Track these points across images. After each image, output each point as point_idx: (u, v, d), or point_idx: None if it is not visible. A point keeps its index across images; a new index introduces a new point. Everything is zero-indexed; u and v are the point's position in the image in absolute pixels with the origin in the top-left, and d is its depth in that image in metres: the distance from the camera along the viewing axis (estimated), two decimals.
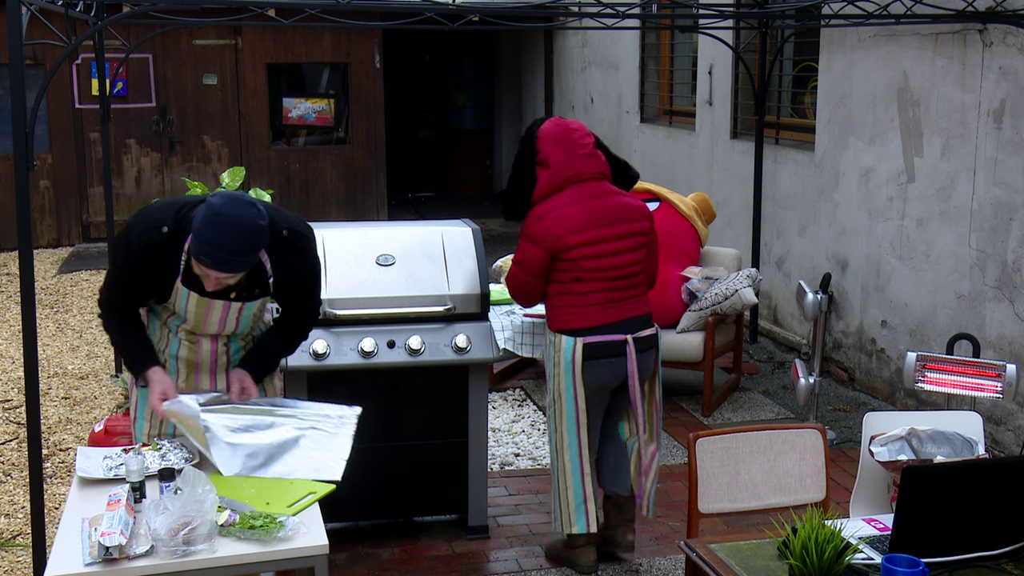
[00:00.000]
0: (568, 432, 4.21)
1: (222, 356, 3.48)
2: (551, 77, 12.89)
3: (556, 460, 4.27)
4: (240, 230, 3.02)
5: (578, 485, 4.24)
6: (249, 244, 3.06)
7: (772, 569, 2.71)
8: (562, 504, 4.28)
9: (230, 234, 3.02)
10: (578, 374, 4.13)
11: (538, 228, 4.07)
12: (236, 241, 3.03)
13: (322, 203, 12.07)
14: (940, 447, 3.42)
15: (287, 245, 3.29)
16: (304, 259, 3.38)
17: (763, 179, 7.76)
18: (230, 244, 3.03)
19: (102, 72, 6.76)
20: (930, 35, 5.97)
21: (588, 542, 4.35)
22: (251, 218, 3.04)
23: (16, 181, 3.92)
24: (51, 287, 9.47)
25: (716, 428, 4.85)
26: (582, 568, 4.36)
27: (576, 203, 4.07)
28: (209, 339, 3.45)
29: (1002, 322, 5.53)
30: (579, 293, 4.10)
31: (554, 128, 4.14)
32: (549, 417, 4.28)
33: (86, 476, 3.10)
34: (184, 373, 3.50)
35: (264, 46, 11.63)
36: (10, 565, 4.44)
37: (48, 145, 11.23)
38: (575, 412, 4.18)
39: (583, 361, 4.12)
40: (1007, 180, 5.46)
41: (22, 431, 5.81)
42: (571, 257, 4.06)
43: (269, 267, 3.30)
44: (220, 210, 3.03)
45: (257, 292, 3.35)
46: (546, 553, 4.52)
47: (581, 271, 4.07)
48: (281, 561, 2.79)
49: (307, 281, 3.46)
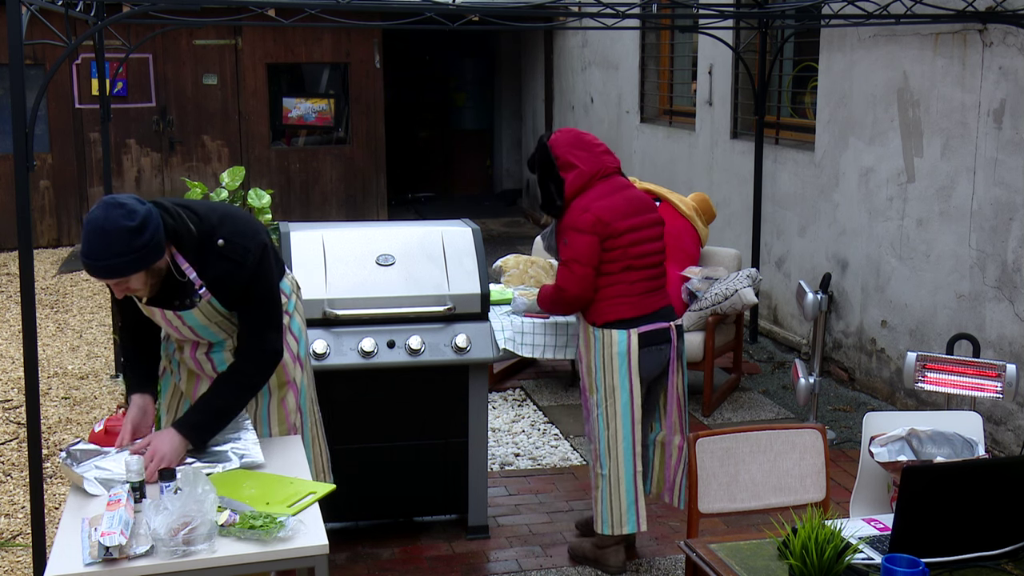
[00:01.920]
0: (623, 427, 4.22)
1: (205, 364, 3.44)
2: (551, 77, 12.89)
3: (607, 460, 4.25)
4: (101, 235, 2.92)
5: (630, 483, 4.25)
6: (114, 247, 2.91)
7: (772, 569, 2.71)
8: (613, 505, 4.27)
9: (93, 240, 2.93)
10: (634, 365, 4.18)
11: (586, 218, 4.12)
12: (98, 246, 2.92)
13: (322, 203, 12.07)
14: (940, 448, 3.42)
15: (219, 255, 3.17)
16: (239, 270, 3.18)
17: (763, 179, 7.76)
18: (93, 250, 2.93)
19: (102, 72, 6.76)
20: (930, 35, 5.97)
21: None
22: (112, 220, 2.92)
23: (16, 181, 3.92)
24: (51, 287, 9.46)
25: (716, 428, 4.85)
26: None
27: (610, 195, 4.18)
28: (189, 346, 3.43)
29: (1002, 322, 5.53)
30: (629, 283, 4.17)
31: (565, 134, 4.29)
32: (597, 416, 4.25)
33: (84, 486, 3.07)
34: (185, 376, 3.50)
35: (264, 46, 11.63)
36: (10, 565, 4.44)
37: (48, 145, 11.23)
38: (631, 406, 4.21)
39: (639, 350, 4.18)
40: (1007, 180, 5.46)
41: (22, 431, 5.81)
42: (621, 244, 4.13)
43: (195, 275, 3.17)
44: (89, 215, 2.96)
45: (188, 302, 3.22)
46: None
47: (630, 258, 4.16)
48: (281, 561, 2.78)
49: (249, 292, 3.24)
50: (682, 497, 4.43)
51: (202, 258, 3.16)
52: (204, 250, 3.16)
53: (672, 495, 4.43)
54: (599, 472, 4.29)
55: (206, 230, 3.17)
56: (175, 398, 3.56)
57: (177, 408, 3.55)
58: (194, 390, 3.49)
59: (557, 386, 6.78)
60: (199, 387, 3.48)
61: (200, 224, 3.17)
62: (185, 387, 3.51)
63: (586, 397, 4.32)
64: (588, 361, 4.26)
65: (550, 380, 6.91)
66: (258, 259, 3.22)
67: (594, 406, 4.27)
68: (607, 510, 4.28)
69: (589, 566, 4.43)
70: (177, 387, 3.54)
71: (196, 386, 3.49)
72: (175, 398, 3.56)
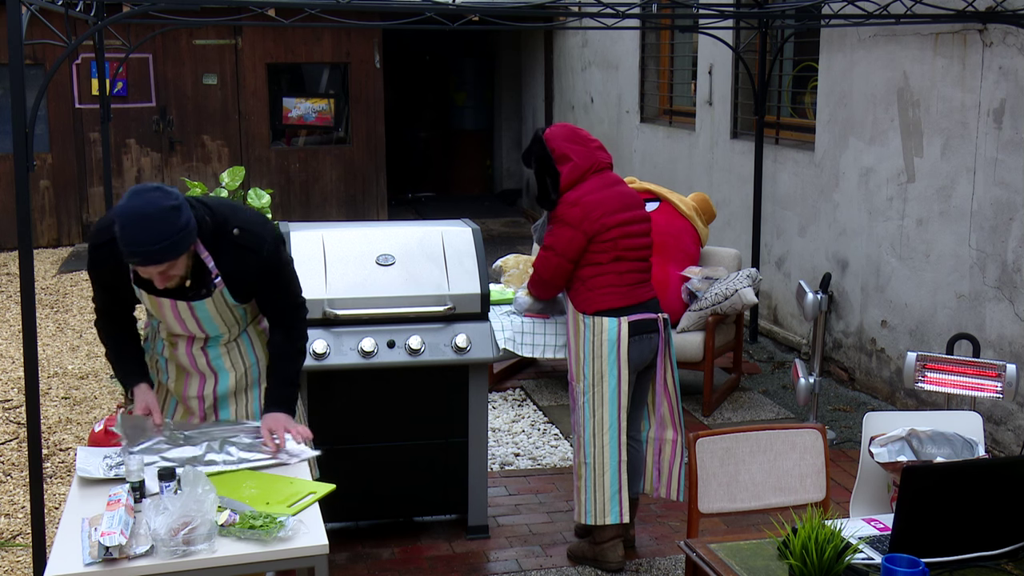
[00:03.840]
0: (609, 415, 4.24)
1: (200, 359, 3.44)
2: (551, 77, 12.88)
3: (591, 448, 4.27)
4: (147, 220, 2.95)
5: (615, 472, 4.26)
6: (158, 230, 2.96)
7: (772, 569, 2.71)
8: (596, 494, 4.28)
9: (142, 227, 2.95)
10: (623, 353, 4.21)
11: (574, 213, 4.19)
12: (150, 231, 2.95)
13: (322, 203, 12.07)
14: (940, 448, 3.42)
15: (235, 244, 3.22)
16: (258, 258, 3.27)
17: (763, 179, 7.76)
18: (141, 236, 2.95)
19: (102, 72, 6.76)
20: (930, 35, 5.97)
21: (616, 535, 4.36)
22: (154, 203, 2.96)
23: (16, 181, 3.92)
24: (51, 287, 9.47)
25: (716, 428, 4.85)
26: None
27: (602, 189, 4.25)
28: (186, 340, 3.43)
29: (1002, 322, 5.53)
30: (619, 273, 4.24)
31: (560, 129, 4.35)
32: (583, 404, 4.27)
33: (86, 475, 3.10)
34: (174, 374, 3.49)
35: (264, 46, 11.63)
36: (10, 565, 4.44)
37: (48, 145, 11.23)
38: (618, 394, 4.23)
39: (628, 338, 4.22)
40: (1007, 180, 5.46)
41: (22, 431, 5.81)
42: (611, 237, 4.20)
43: (212, 264, 3.22)
44: (125, 207, 2.98)
45: (204, 292, 3.26)
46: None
47: (620, 250, 4.22)
48: (281, 561, 2.78)
49: (272, 280, 3.35)
50: (680, 489, 4.42)
51: (217, 248, 3.22)
52: (219, 240, 3.21)
53: (669, 488, 4.43)
54: (582, 461, 4.30)
55: (219, 220, 3.23)
56: (160, 396, 3.53)
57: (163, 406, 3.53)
58: (184, 389, 3.48)
59: (557, 386, 6.78)
60: (188, 385, 3.48)
61: (212, 215, 3.22)
62: (174, 386, 3.50)
63: (572, 386, 4.33)
64: (576, 349, 4.29)
65: (550, 380, 6.91)
66: (275, 248, 3.32)
67: (580, 394, 4.28)
68: (590, 500, 4.29)
69: (589, 565, 4.43)
70: (163, 386, 3.53)
71: (186, 385, 3.48)
72: (160, 396, 3.53)
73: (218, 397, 3.48)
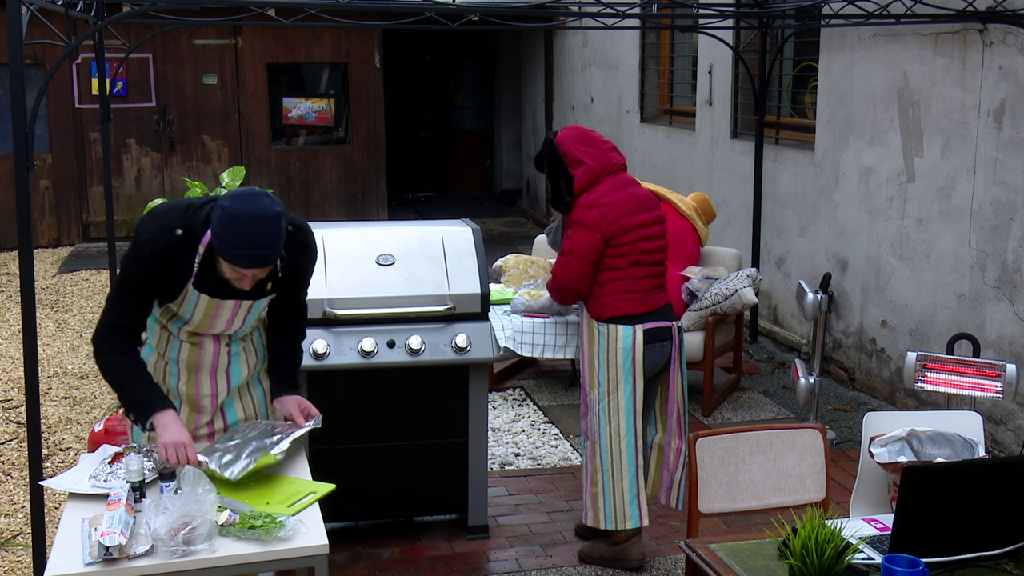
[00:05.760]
0: (625, 422, 4.23)
1: (223, 356, 3.47)
2: (551, 77, 12.88)
3: (608, 455, 4.26)
4: (265, 223, 3.04)
5: (633, 477, 4.26)
6: (274, 233, 3.08)
7: (772, 569, 2.71)
8: (616, 501, 4.27)
9: (261, 230, 3.04)
10: (639, 361, 4.20)
11: (592, 215, 4.16)
12: (263, 234, 3.04)
13: (322, 203, 12.08)
14: (940, 448, 3.42)
15: (292, 241, 3.30)
16: (309, 253, 3.43)
17: (763, 179, 7.76)
18: (259, 238, 3.04)
19: (102, 72, 6.76)
20: (930, 35, 5.97)
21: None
22: (268, 208, 3.07)
23: (16, 181, 3.92)
24: (51, 287, 9.47)
25: (716, 428, 4.85)
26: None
27: (618, 191, 4.22)
28: (212, 339, 3.44)
29: (1002, 322, 5.53)
30: (636, 278, 4.20)
31: (572, 132, 4.32)
32: (598, 411, 4.26)
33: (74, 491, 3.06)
34: (185, 376, 3.48)
35: (264, 46, 11.63)
36: (10, 565, 4.44)
37: (48, 145, 11.23)
38: (633, 401, 4.23)
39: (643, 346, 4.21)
40: (1007, 180, 5.46)
41: (22, 431, 5.81)
42: (628, 240, 4.17)
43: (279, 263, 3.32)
44: (238, 209, 3.03)
45: (268, 288, 3.35)
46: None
47: (638, 254, 4.19)
48: (281, 561, 2.79)
49: (307, 275, 3.51)
50: (680, 498, 4.43)
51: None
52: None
53: (670, 496, 4.44)
54: (599, 467, 4.29)
55: None
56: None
57: None
58: (196, 389, 3.49)
59: (557, 386, 6.78)
60: (200, 384, 3.48)
61: None
62: (184, 388, 3.49)
63: (586, 392, 4.32)
64: (591, 356, 4.27)
65: (550, 380, 6.91)
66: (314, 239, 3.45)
67: (595, 401, 4.27)
68: (610, 506, 4.28)
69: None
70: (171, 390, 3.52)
71: (198, 384, 3.49)
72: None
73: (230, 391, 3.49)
